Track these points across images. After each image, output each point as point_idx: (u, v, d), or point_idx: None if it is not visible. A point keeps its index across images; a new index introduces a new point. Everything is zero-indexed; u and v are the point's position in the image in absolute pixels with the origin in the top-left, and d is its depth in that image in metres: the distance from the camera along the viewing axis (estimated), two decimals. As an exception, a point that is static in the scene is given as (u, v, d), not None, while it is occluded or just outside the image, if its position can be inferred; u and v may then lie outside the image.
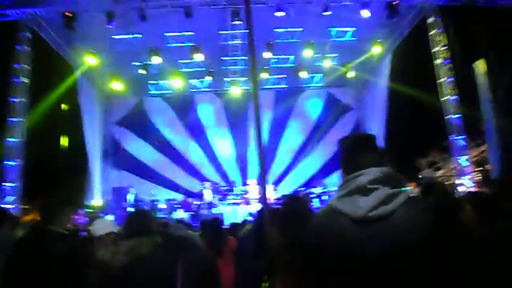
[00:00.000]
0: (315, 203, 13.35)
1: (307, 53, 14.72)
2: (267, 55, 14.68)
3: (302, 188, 15.17)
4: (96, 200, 15.40)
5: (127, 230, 3.06)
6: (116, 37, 13.66)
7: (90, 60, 14.00)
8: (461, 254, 1.45)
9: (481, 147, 13.60)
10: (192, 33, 13.88)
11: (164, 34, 13.86)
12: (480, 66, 12.89)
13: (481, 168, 13.11)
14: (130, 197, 14.38)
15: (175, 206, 14.49)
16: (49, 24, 12.72)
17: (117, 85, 16.37)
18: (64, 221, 3.58)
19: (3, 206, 10.79)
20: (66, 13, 11.62)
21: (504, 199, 3.04)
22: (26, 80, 12.66)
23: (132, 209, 13.11)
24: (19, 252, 3.30)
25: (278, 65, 16.52)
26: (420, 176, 13.40)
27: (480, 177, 12.59)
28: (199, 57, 14.56)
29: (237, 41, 14.29)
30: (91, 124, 16.02)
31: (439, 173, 13.95)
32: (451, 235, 1.48)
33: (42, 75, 12.98)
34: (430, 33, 13.66)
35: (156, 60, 14.37)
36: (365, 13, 12.53)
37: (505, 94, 12.13)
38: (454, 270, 1.43)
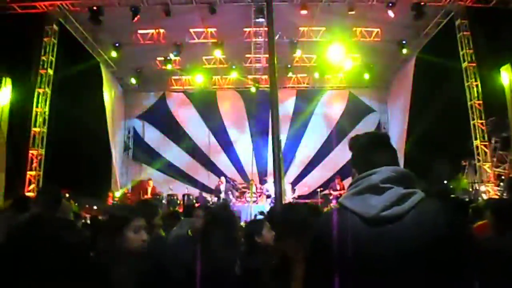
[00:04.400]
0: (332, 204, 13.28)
1: (331, 52, 14.55)
2: (290, 53, 14.61)
3: (320, 189, 15.02)
4: (118, 192, 15.58)
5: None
6: (141, 31, 13.80)
7: (114, 54, 14.20)
8: (469, 259, 1.41)
9: (505, 154, 13.19)
10: (215, 29, 13.91)
11: (189, 29, 13.92)
12: (507, 71, 12.56)
13: (503, 176, 12.73)
14: (149, 190, 14.48)
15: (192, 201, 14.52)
16: (76, 17, 12.93)
17: (140, 79, 16.55)
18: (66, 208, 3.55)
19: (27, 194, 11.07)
20: (93, 7, 11.79)
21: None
22: (51, 72, 12.99)
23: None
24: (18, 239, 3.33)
25: (301, 64, 16.41)
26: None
27: (503, 184, 12.23)
28: (222, 53, 14.62)
29: (260, 39, 14.24)
30: (113, 117, 16.23)
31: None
32: (461, 241, 1.43)
33: (67, 68, 13.22)
34: (458, 35, 13.35)
35: (179, 55, 14.47)
36: (391, 14, 12.31)
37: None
38: (461, 274, 1.40)
